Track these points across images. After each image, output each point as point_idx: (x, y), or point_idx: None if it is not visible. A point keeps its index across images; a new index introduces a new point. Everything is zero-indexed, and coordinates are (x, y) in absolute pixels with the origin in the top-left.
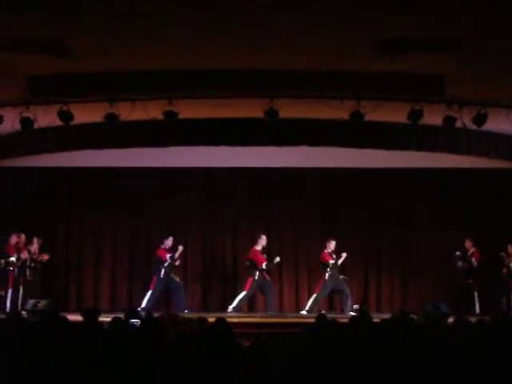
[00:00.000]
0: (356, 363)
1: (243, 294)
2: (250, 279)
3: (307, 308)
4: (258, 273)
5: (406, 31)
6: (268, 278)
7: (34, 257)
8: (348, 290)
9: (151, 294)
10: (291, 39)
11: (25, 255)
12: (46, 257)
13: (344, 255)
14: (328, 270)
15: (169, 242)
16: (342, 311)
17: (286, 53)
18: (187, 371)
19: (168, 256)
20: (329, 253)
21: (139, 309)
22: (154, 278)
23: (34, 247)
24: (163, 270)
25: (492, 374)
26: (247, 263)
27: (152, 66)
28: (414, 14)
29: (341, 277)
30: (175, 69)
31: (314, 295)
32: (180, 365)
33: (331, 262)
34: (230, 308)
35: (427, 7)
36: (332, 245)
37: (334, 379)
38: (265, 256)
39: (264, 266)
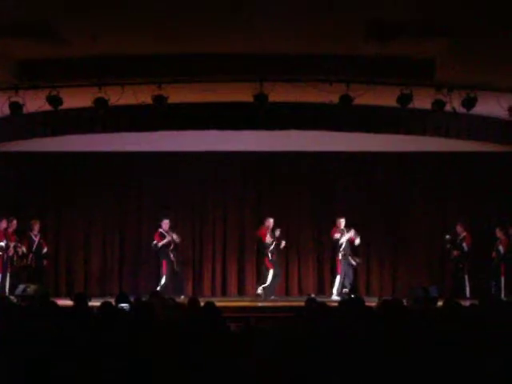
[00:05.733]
0: (346, 347)
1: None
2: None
3: (335, 291)
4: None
5: (395, 15)
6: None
7: (36, 240)
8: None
9: (166, 277)
10: (280, 23)
11: (12, 241)
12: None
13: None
14: (340, 250)
15: (164, 224)
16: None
17: (275, 37)
18: (174, 356)
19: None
20: (338, 229)
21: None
22: (164, 261)
23: (35, 231)
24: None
25: (480, 357)
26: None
27: (141, 51)
28: None
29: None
30: (164, 53)
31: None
32: (168, 350)
33: (336, 236)
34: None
35: None
36: (340, 223)
37: (324, 364)
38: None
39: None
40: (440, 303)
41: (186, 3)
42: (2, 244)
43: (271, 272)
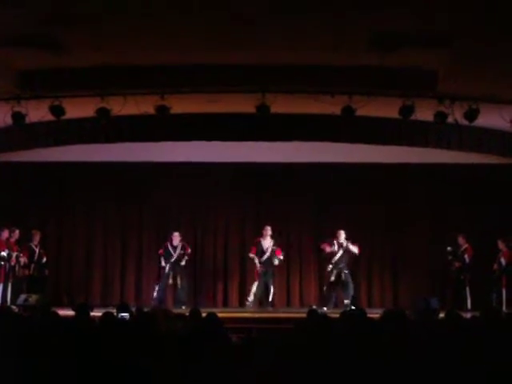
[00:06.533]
0: (348, 358)
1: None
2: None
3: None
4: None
5: (398, 27)
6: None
7: (36, 250)
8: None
9: (160, 285)
10: (282, 34)
11: (15, 251)
12: (44, 259)
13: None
14: (332, 261)
15: (175, 238)
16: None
17: (277, 48)
18: (175, 367)
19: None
20: (329, 243)
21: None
22: (162, 270)
23: (36, 241)
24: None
25: (482, 369)
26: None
27: (143, 61)
28: (405, 9)
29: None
30: (167, 64)
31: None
32: (169, 360)
33: (328, 249)
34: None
35: (419, 3)
36: (340, 234)
37: (324, 375)
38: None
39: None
40: (441, 315)
41: (188, 15)
42: (4, 254)
43: (255, 284)
